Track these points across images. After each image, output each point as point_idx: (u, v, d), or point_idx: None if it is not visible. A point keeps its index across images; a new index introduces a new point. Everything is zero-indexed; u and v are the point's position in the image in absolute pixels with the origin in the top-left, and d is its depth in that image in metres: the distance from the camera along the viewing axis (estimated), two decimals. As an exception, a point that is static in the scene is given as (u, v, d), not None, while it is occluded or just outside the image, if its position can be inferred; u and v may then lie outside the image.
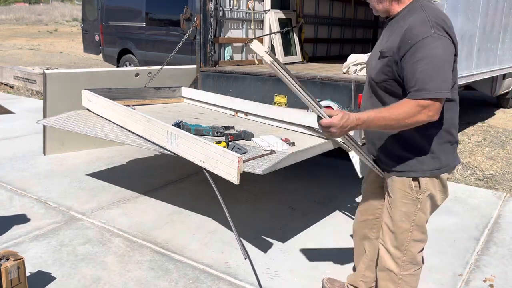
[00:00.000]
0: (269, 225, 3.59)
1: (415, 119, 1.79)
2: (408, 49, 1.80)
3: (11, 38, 24.02)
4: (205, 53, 5.20)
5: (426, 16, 1.83)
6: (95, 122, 3.83)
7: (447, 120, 1.95)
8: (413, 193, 2.01)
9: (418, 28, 1.80)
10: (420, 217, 2.05)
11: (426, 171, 1.98)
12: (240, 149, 2.96)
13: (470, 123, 7.67)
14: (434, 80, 1.75)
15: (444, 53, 1.79)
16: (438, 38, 1.78)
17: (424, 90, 1.76)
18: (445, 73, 1.78)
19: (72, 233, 3.37)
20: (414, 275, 2.16)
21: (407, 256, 2.11)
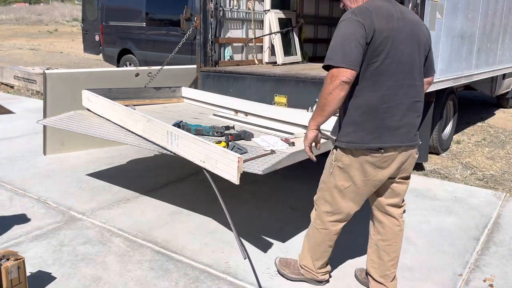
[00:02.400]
0: (269, 225, 3.59)
1: (327, 89, 2.11)
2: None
3: (11, 38, 24.02)
4: (205, 53, 5.20)
5: (358, 6, 2.22)
6: (95, 122, 3.83)
7: (362, 99, 2.21)
8: (331, 157, 2.41)
9: (344, 15, 2.19)
10: (330, 180, 2.43)
11: (342, 142, 2.30)
12: (240, 149, 2.96)
13: (470, 123, 7.67)
14: (338, 53, 2.10)
15: (351, 32, 2.10)
16: (351, 21, 2.13)
17: (328, 59, 2.12)
18: (350, 48, 2.08)
19: (72, 233, 3.37)
20: (319, 231, 2.57)
21: (317, 211, 2.56)
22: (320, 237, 2.58)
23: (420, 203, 4.09)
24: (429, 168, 5.08)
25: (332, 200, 2.45)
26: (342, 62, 2.07)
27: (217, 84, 4.97)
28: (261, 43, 6.19)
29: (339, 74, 2.07)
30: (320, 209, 2.53)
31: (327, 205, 2.49)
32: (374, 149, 2.24)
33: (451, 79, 4.98)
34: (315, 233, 2.60)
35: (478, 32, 5.48)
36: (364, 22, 2.11)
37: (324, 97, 2.15)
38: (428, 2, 3.94)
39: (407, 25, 2.22)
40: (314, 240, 2.62)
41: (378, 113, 2.21)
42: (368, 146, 2.24)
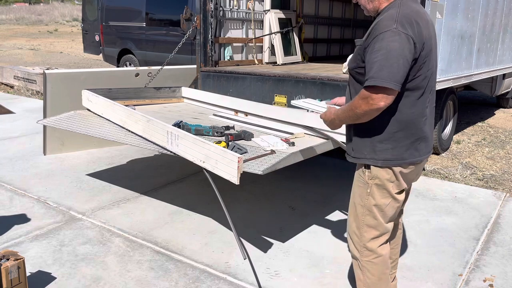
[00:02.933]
0: (269, 225, 3.59)
1: (362, 108, 1.96)
2: (372, 39, 1.97)
3: (11, 38, 24.02)
4: (205, 53, 5.20)
5: (397, 12, 1.97)
6: (95, 122, 3.83)
7: (403, 114, 2.05)
8: (364, 177, 2.18)
9: (384, 22, 1.96)
10: (370, 201, 2.18)
11: (378, 160, 2.11)
12: (240, 149, 2.96)
13: (470, 123, 7.67)
14: (383, 70, 1.88)
15: (400, 47, 1.90)
16: (398, 33, 1.91)
17: (372, 78, 1.90)
18: (397, 66, 1.89)
19: (72, 233, 3.37)
20: (374, 263, 2.26)
21: (362, 240, 2.25)
22: (378, 269, 2.27)
23: (420, 203, 4.09)
24: (429, 168, 5.08)
25: (377, 222, 2.21)
26: (388, 82, 1.88)
27: (217, 84, 4.97)
28: (261, 43, 6.19)
29: (380, 98, 1.90)
30: (365, 238, 2.24)
31: (372, 230, 2.22)
32: (413, 163, 2.15)
33: (451, 79, 4.98)
34: (370, 268, 2.27)
35: (478, 32, 5.48)
36: (413, 35, 1.93)
37: (355, 115, 2.01)
38: (428, 2, 3.94)
39: (430, 28, 2.08)
40: (372, 278, 2.28)
41: (417, 128, 2.09)
42: (409, 162, 2.12)
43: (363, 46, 2.03)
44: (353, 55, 2.15)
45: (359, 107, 1.97)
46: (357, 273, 2.33)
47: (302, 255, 3.14)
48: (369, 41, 1.98)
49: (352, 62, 2.13)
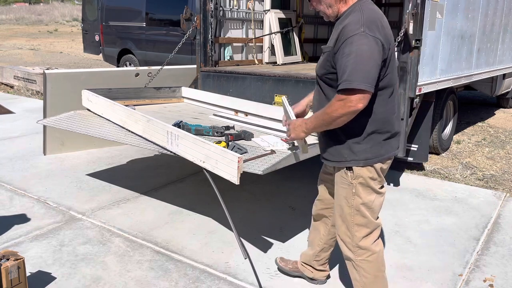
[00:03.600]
0: (269, 225, 3.59)
1: (339, 112, 1.98)
2: (340, 44, 2.01)
3: (11, 38, 24.02)
4: (205, 53, 5.20)
5: (361, 16, 2.02)
6: (95, 122, 3.83)
7: (378, 114, 2.11)
8: (348, 178, 2.20)
9: (351, 26, 2.00)
10: (357, 200, 2.21)
11: (360, 160, 2.15)
12: (240, 149, 2.96)
13: (470, 123, 7.67)
14: (356, 73, 1.92)
15: (370, 50, 1.95)
16: (365, 36, 1.96)
17: (347, 81, 1.93)
18: (369, 68, 1.94)
19: (72, 233, 3.37)
20: (369, 261, 2.28)
21: (354, 240, 2.27)
22: (373, 266, 2.30)
23: (420, 203, 4.09)
24: (429, 168, 5.08)
25: (366, 220, 2.24)
26: (362, 84, 1.92)
27: (217, 84, 4.97)
28: (261, 43, 6.19)
29: (358, 100, 1.93)
30: (357, 237, 2.26)
31: (363, 228, 2.25)
32: (390, 157, 2.23)
33: (451, 79, 4.98)
34: (365, 266, 2.29)
35: (478, 32, 5.48)
36: (380, 37, 2.00)
37: (331, 118, 2.02)
38: (428, 2, 3.94)
39: (389, 27, 2.14)
40: (368, 277, 2.30)
41: (390, 125, 2.17)
42: (387, 157, 2.19)
43: (332, 52, 2.06)
44: (321, 61, 2.17)
45: (336, 111, 1.99)
46: (353, 273, 2.35)
47: (302, 255, 3.14)
48: (338, 45, 2.02)
49: (322, 69, 2.16)
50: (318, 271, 2.75)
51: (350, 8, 2.13)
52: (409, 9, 3.84)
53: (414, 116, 4.38)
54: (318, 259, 2.71)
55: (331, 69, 2.09)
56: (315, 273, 2.76)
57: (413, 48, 3.92)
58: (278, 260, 2.91)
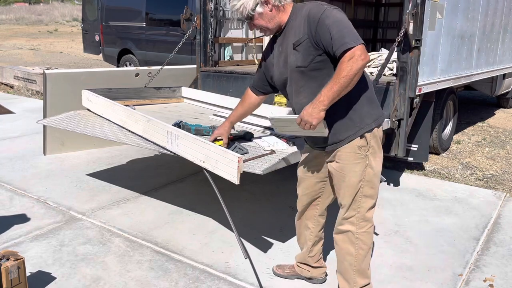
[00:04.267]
0: (269, 225, 3.59)
1: (354, 68, 2.02)
2: (317, 24, 2.11)
3: (11, 38, 24.03)
4: (205, 53, 5.20)
5: (310, 3, 2.20)
6: (95, 122, 3.82)
7: (366, 78, 2.26)
8: (362, 152, 2.25)
9: (314, 9, 2.15)
10: (369, 172, 2.28)
11: (371, 123, 2.25)
12: (241, 149, 2.96)
13: (470, 123, 7.67)
14: (350, 33, 2.06)
15: (344, 16, 2.14)
16: (333, 9, 2.14)
17: (346, 43, 2.04)
18: (353, 28, 2.10)
19: (72, 233, 3.37)
20: (369, 232, 2.36)
21: (360, 212, 2.31)
22: (371, 237, 2.39)
23: (420, 203, 4.09)
24: (429, 168, 5.08)
25: (374, 190, 2.32)
26: (358, 40, 2.06)
27: (217, 84, 4.97)
28: (261, 43, 6.19)
29: (365, 53, 2.04)
30: (364, 208, 2.31)
31: (369, 199, 2.32)
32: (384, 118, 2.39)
33: (451, 79, 4.98)
34: (364, 238, 2.35)
35: (478, 32, 5.48)
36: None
37: (349, 79, 2.04)
38: (428, 2, 3.94)
39: None
40: (364, 248, 2.36)
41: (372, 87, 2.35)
42: (384, 117, 2.36)
43: (309, 37, 2.14)
44: (301, 54, 2.19)
45: (352, 69, 2.02)
46: (347, 248, 2.38)
47: (302, 255, 3.14)
48: (314, 28, 2.12)
49: (305, 59, 2.19)
50: (315, 268, 2.76)
51: (291, 12, 2.27)
52: (409, 9, 3.84)
53: (414, 116, 4.38)
54: (312, 255, 2.73)
55: (317, 51, 2.15)
56: (313, 271, 2.76)
57: (413, 48, 3.91)
58: (275, 268, 2.90)
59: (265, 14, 2.28)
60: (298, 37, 2.19)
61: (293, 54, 2.24)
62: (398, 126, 4.06)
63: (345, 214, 2.36)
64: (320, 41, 2.12)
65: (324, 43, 2.11)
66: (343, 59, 2.04)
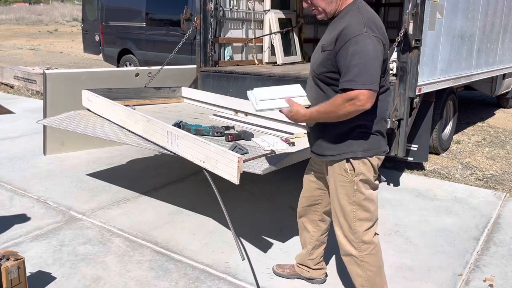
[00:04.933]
0: (269, 225, 3.59)
1: (347, 109, 2.00)
2: (343, 44, 2.03)
3: (11, 38, 24.02)
4: (205, 53, 5.20)
5: (361, 17, 2.06)
6: (95, 122, 3.83)
7: (376, 108, 2.14)
8: (348, 176, 2.21)
9: (353, 27, 2.03)
10: (359, 196, 2.23)
11: (358, 151, 2.17)
12: (241, 149, 2.96)
13: (470, 123, 7.67)
14: (364, 72, 1.97)
15: (374, 50, 2.00)
16: (369, 36, 2.01)
17: (354, 82, 1.97)
18: (374, 68, 2.00)
19: (72, 233, 3.37)
20: (373, 254, 2.31)
21: (357, 237, 2.28)
22: (377, 258, 2.33)
23: (420, 203, 4.09)
24: (429, 168, 5.08)
25: (369, 214, 2.27)
26: (371, 84, 1.97)
27: (217, 84, 4.97)
28: (261, 43, 6.19)
29: (366, 100, 1.97)
30: (360, 232, 2.27)
31: (365, 222, 2.27)
32: (384, 152, 2.26)
33: (451, 79, 4.98)
34: (369, 260, 2.31)
35: (478, 32, 5.48)
36: (381, 37, 2.06)
37: (337, 115, 2.04)
38: (428, 2, 3.94)
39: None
40: (372, 270, 2.32)
41: (384, 121, 2.24)
42: (382, 151, 2.24)
43: (333, 51, 2.07)
44: (320, 59, 2.16)
45: (343, 109, 2.01)
46: (355, 270, 2.35)
47: (302, 255, 3.14)
48: (340, 45, 2.04)
49: (321, 67, 2.16)
50: (315, 270, 2.75)
51: (347, 6, 2.15)
52: (409, 9, 3.84)
53: (414, 116, 4.38)
54: (312, 258, 2.72)
55: (332, 68, 2.10)
56: (312, 273, 2.76)
57: (413, 48, 3.92)
58: (275, 267, 2.89)
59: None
60: (328, 42, 2.13)
61: (318, 53, 2.22)
62: (398, 126, 4.07)
63: (345, 236, 2.32)
64: (337, 63, 2.07)
65: (339, 67, 2.06)
66: (343, 95, 2.01)
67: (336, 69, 2.08)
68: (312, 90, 2.28)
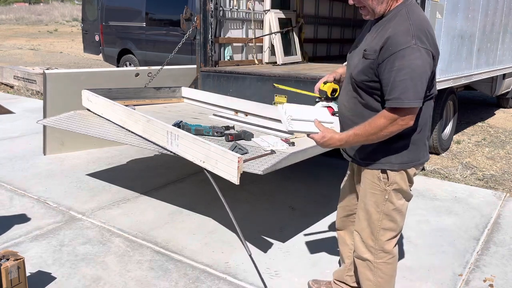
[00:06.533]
0: (269, 225, 3.59)
1: (389, 130, 1.89)
2: (388, 56, 1.86)
3: (11, 38, 24.02)
4: (205, 53, 5.20)
5: (409, 25, 1.86)
6: (95, 122, 3.83)
7: (420, 117, 2.01)
8: (381, 185, 2.09)
9: (400, 37, 1.85)
10: (388, 206, 2.11)
11: (395, 164, 2.04)
12: (241, 149, 2.96)
13: (470, 123, 7.67)
14: (409, 90, 1.82)
15: (423, 64, 1.83)
16: (418, 49, 1.82)
17: (399, 100, 1.84)
18: (421, 84, 1.85)
19: (72, 233, 3.37)
20: (389, 263, 2.22)
21: (378, 244, 2.18)
22: (392, 268, 2.24)
23: (420, 203, 4.09)
24: (429, 168, 5.08)
25: (394, 224, 2.16)
26: (415, 102, 1.84)
27: (217, 84, 4.97)
28: (261, 43, 6.19)
29: (410, 118, 1.87)
30: (382, 241, 2.17)
31: (389, 232, 2.17)
32: (423, 163, 2.15)
33: (451, 79, 4.98)
34: (384, 268, 2.21)
35: (478, 32, 5.48)
36: (431, 48, 1.88)
37: (379, 136, 1.92)
38: (428, 2, 3.94)
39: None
40: (385, 277, 2.23)
41: (428, 128, 2.10)
42: (422, 162, 2.12)
43: (376, 61, 1.91)
44: (362, 67, 1.97)
45: (386, 129, 1.89)
46: (366, 274, 2.26)
47: (302, 255, 3.14)
48: (384, 56, 1.87)
49: (362, 75, 1.98)
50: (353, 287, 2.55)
51: (396, 8, 1.94)
52: (409, 9, 3.84)
53: (414, 116, 4.38)
54: (351, 274, 2.52)
55: (374, 77, 1.94)
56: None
57: (413, 48, 3.91)
58: (311, 283, 2.72)
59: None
60: (371, 49, 1.93)
61: (357, 58, 2.03)
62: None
63: (363, 241, 2.22)
64: (380, 74, 1.91)
65: (382, 81, 1.90)
66: (385, 114, 1.88)
67: (377, 78, 1.93)
68: (349, 96, 2.11)
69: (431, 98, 2.06)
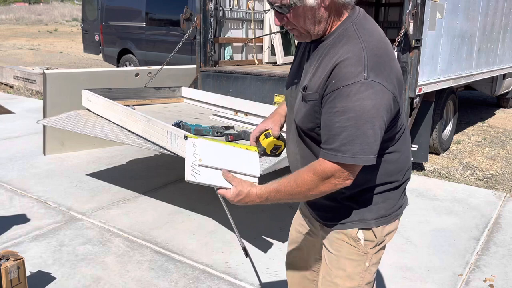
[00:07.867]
0: (269, 225, 3.59)
1: (319, 190, 1.42)
2: (331, 90, 1.35)
3: (11, 38, 24.02)
4: (205, 53, 5.20)
5: (362, 49, 1.35)
6: (95, 122, 3.83)
7: (390, 163, 1.54)
8: (359, 247, 1.57)
9: (347, 67, 1.33)
10: (367, 277, 1.61)
11: (370, 221, 1.55)
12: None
13: (470, 123, 7.67)
14: (354, 142, 1.32)
15: (375, 105, 1.31)
16: (370, 85, 1.31)
17: (338, 152, 1.34)
18: (372, 132, 1.33)
19: (72, 233, 3.37)
20: None
21: None
22: None
23: (420, 203, 4.09)
24: (429, 168, 5.08)
25: (375, 273, 1.65)
26: (361, 158, 1.33)
27: (217, 84, 4.97)
28: (261, 43, 6.19)
29: (347, 177, 1.38)
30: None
31: (372, 283, 1.66)
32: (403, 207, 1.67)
33: (451, 79, 4.98)
34: None
35: (478, 32, 5.48)
36: (391, 85, 1.36)
37: (305, 196, 1.47)
38: (428, 2, 3.95)
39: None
40: None
41: (407, 166, 1.62)
42: (403, 208, 1.65)
43: (319, 96, 1.40)
44: (306, 112, 1.46)
45: (315, 188, 1.42)
46: None
47: (302, 255, 3.13)
48: (327, 91, 1.37)
49: (308, 122, 1.47)
50: None
51: (340, 27, 1.43)
52: (409, 9, 3.85)
53: (414, 116, 4.38)
54: None
55: (319, 122, 1.43)
56: None
57: (413, 48, 3.92)
58: None
59: (316, 11, 1.39)
60: (313, 86, 1.42)
61: (299, 100, 1.51)
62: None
63: None
64: (322, 113, 1.40)
65: (321, 121, 1.41)
66: (315, 168, 1.40)
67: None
68: (296, 146, 1.64)
69: (402, 135, 1.55)
